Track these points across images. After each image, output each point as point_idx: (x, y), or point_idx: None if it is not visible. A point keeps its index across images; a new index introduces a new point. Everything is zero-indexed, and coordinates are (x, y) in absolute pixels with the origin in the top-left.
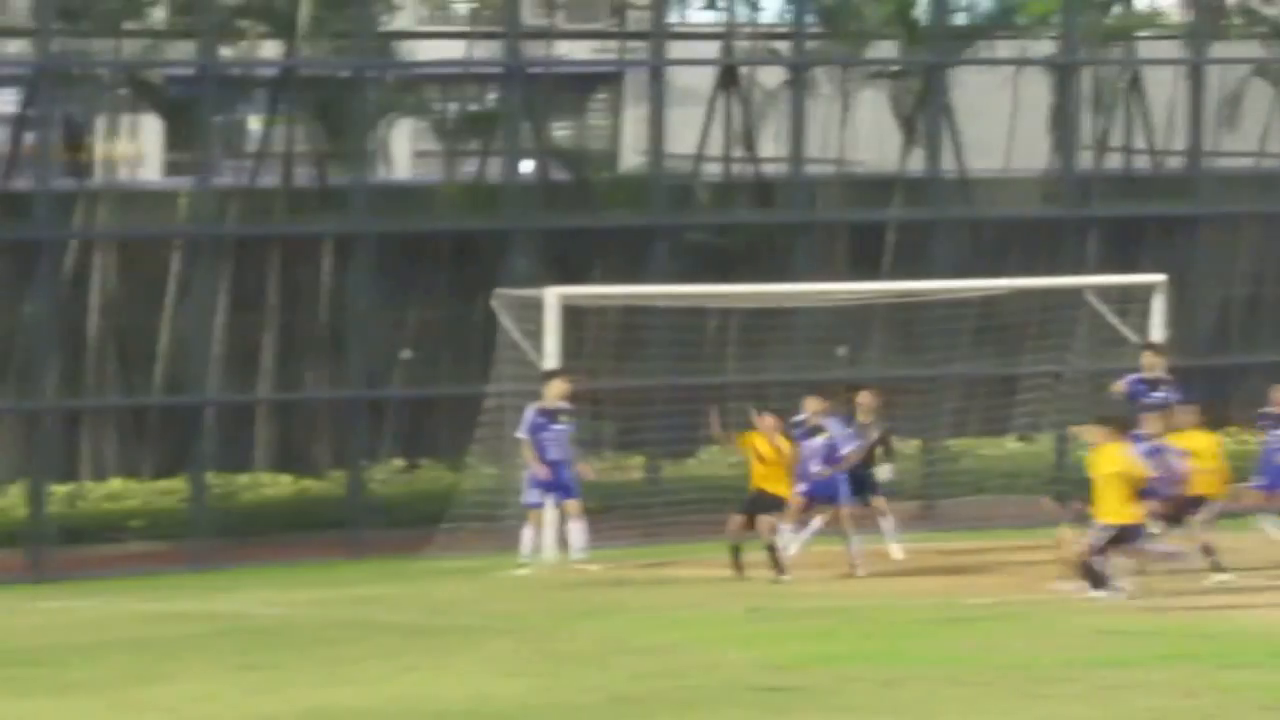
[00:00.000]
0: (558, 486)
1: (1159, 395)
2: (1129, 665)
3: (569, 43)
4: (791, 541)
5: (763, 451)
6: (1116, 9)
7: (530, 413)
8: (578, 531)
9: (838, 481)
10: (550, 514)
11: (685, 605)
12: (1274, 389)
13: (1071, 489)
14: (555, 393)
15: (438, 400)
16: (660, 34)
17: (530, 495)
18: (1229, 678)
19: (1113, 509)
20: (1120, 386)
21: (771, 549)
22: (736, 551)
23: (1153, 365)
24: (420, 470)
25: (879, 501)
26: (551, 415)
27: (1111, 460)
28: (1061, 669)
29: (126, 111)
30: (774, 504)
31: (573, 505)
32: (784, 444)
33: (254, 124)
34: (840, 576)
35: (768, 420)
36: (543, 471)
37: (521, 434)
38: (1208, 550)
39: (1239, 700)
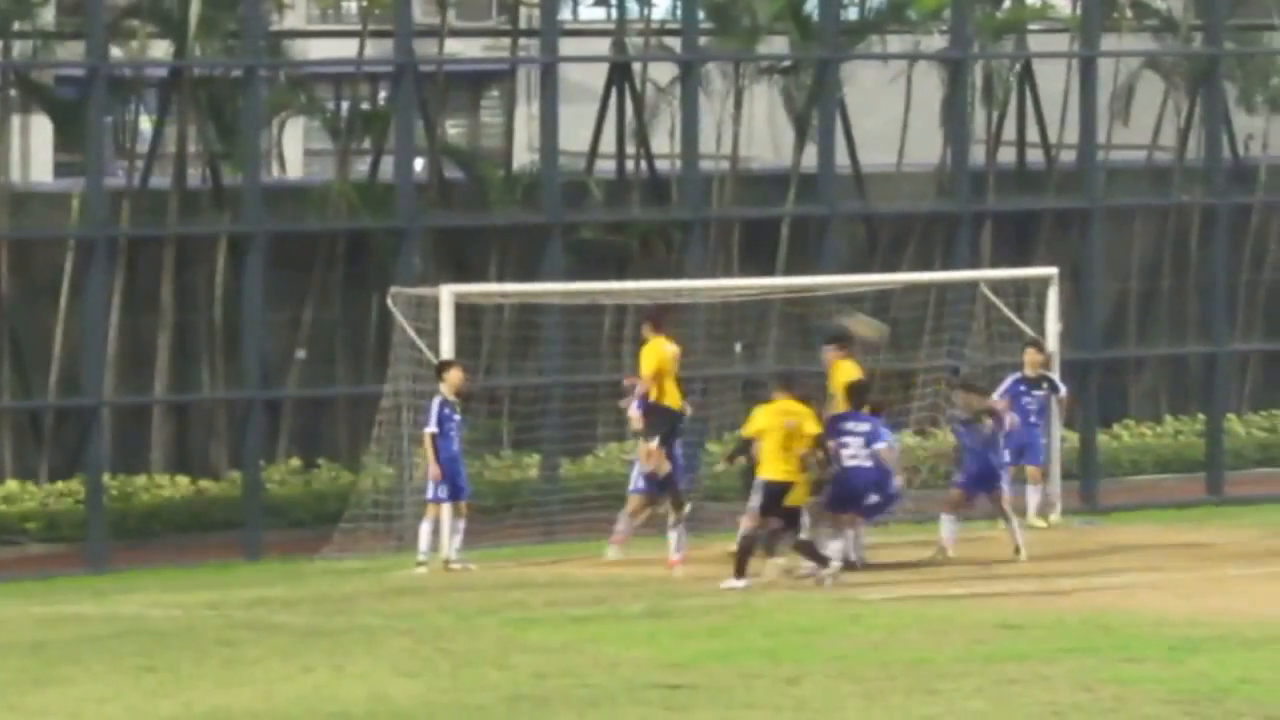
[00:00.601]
0: (455, 483)
1: (1039, 394)
2: (1028, 659)
3: (460, 41)
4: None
5: None
6: (1007, 3)
7: (436, 404)
8: (458, 533)
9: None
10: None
11: (585, 603)
12: (961, 394)
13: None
14: (455, 383)
15: (334, 400)
16: (551, 31)
17: (437, 490)
18: (1128, 671)
19: (767, 465)
20: (996, 400)
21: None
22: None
23: (1034, 363)
24: (317, 470)
25: None
26: (454, 406)
27: (768, 415)
28: (960, 664)
29: (16, 112)
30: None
31: (462, 506)
32: None
33: (145, 125)
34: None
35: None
36: (438, 472)
37: (432, 428)
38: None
39: (1138, 694)
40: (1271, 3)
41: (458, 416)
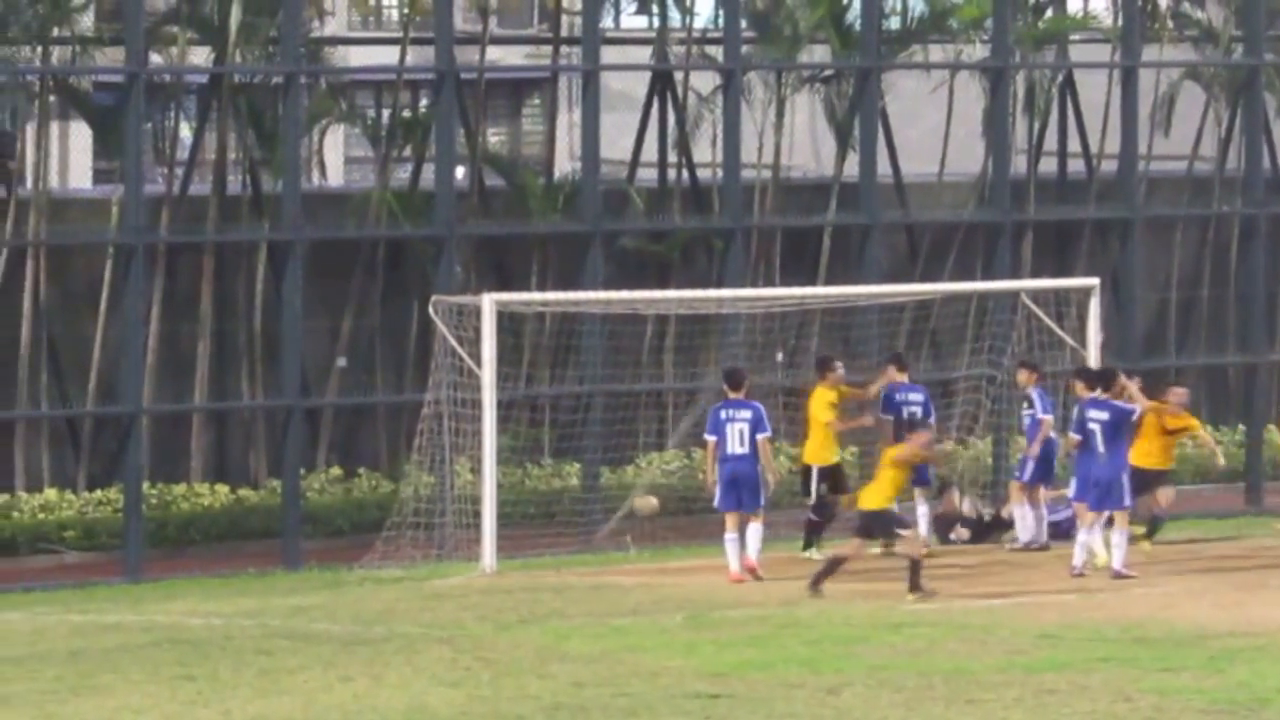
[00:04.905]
0: None
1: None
2: (1067, 669)
3: (502, 48)
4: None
5: None
6: (1049, 13)
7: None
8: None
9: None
10: None
11: (625, 613)
12: None
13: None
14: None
15: (373, 408)
16: (593, 39)
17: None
18: (1167, 681)
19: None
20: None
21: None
22: None
23: (1026, 382)
24: (357, 479)
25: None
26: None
27: None
28: (1000, 673)
29: (55, 119)
30: None
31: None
32: None
33: (185, 131)
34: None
35: None
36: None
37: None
38: None
39: (1177, 704)
40: None
41: None
